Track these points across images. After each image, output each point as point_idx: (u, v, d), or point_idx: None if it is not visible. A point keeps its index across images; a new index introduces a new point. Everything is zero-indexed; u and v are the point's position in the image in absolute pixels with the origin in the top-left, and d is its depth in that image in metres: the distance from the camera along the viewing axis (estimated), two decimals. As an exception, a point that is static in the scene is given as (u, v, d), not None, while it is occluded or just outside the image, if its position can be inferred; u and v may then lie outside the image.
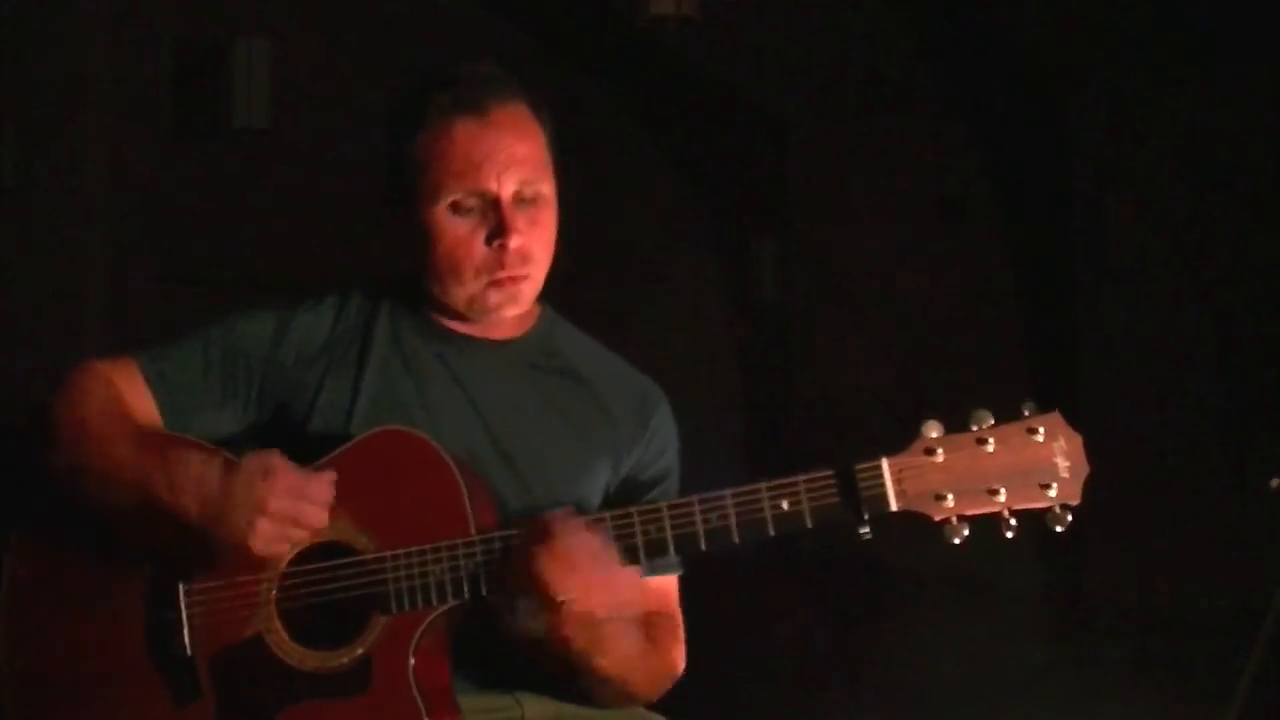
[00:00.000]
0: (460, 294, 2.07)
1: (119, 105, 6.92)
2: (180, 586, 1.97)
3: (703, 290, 9.48)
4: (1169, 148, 7.61)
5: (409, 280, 2.15)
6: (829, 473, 1.89)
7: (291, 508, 1.89)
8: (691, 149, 9.37)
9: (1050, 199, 8.15)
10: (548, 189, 2.08)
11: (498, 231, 2.03)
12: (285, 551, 1.94)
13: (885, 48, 8.34)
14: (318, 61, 7.74)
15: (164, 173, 7.25)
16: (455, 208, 2.04)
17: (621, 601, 1.89)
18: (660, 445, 2.17)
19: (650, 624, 2.04)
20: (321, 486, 1.92)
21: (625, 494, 2.10)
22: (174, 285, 7.01)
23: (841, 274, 9.13)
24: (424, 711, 1.89)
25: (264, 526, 1.89)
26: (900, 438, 1.90)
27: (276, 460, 1.91)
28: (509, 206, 2.04)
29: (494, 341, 2.14)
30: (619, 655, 1.95)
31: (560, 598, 1.86)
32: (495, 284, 2.06)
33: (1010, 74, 8.07)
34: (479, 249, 2.04)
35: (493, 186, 2.03)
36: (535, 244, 2.06)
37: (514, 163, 2.04)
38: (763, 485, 1.89)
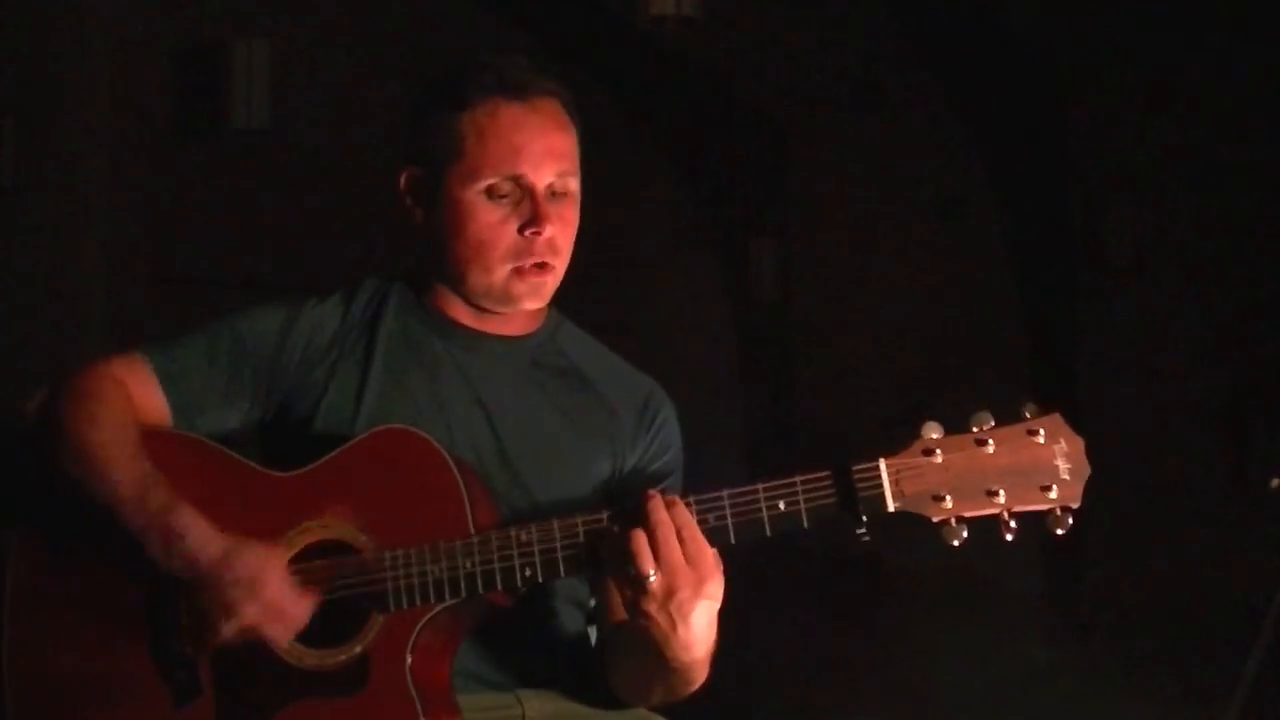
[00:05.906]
0: (482, 280, 2.07)
1: (118, 105, 6.91)
2: (180, 584, 1.97)
3: (703, 290, 9.47)
4: (1169, 148, 7.61)
5: (415, 275, 2.15)
6: (826, 473, 1.87)
7: (261, 623, 1.91)
8: (691, 149, 9.36)
9: (1050, 199, 8.15)
10: (576, 186, 2.09)
11: (532, 220, 2.04)
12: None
13: (885, 48, 8.33)
14: (318, 61, 7.73)
15: (163, 173, 7.24)
16: (490, 192, 2.04)
17: (704, 583, 1.85)
18: (663, 444, 2.17)
19: None
20: (299, 613, 1.92)
21: (627, 493, 2.09)
22: (172, 285, 7.00)
23: (841, 274, 9.13)
24: (420, 710, 1.89)
25: (229, 629, 1.91)
26: (900, 438, 1.89)
27: (270, 573, 1.91)
28: (543, 197, 2.05)
29: (501, 338, 2.13)
30: (696, 645, 1.90)
31: (644, 574, 1.83)
32: (520, 272, 2.06)
33: (1010, 74, 8.07)
34: (510, 236, 2.05)
35: (530, 174, 2.04)
36: (563, 238, 2.07)
37: (553, 154, 2.05)
38: (759, 486, 1.88)
